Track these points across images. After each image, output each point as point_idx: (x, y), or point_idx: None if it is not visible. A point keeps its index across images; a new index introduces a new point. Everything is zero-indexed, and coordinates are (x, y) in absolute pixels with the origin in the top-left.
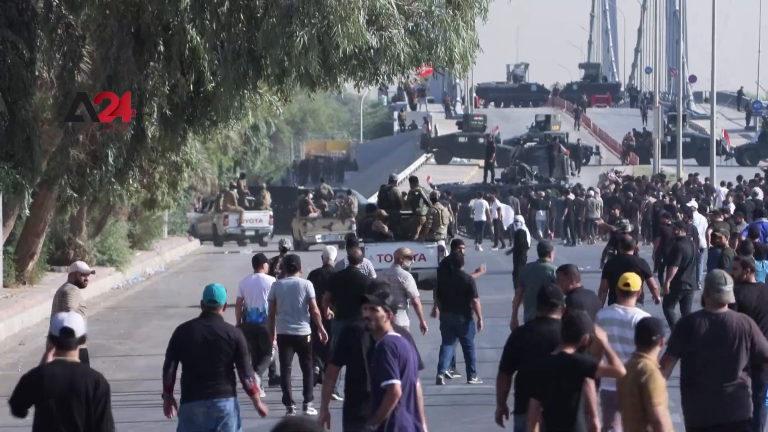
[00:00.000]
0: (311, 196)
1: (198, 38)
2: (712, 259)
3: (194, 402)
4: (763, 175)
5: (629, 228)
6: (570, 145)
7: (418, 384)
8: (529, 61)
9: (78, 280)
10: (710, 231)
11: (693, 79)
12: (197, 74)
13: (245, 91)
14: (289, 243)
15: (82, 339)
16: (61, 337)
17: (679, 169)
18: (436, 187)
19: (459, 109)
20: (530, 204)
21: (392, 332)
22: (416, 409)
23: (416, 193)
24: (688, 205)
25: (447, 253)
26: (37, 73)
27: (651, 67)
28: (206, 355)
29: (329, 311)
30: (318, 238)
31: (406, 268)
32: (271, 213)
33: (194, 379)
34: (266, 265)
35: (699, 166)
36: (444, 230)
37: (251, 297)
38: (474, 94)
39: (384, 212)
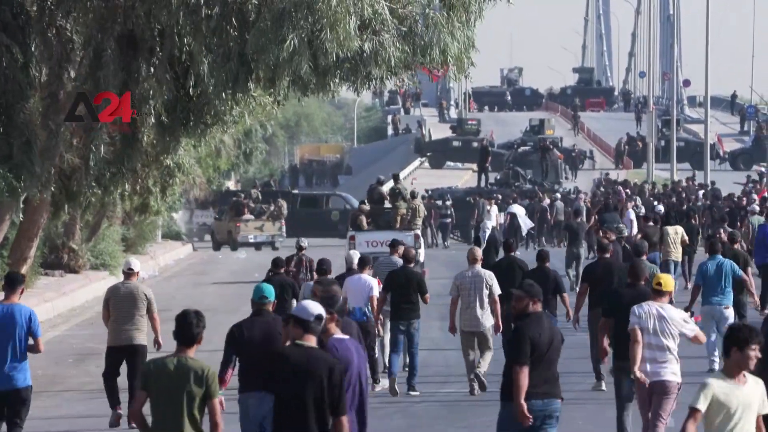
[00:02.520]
0: (245, 198)
1: (190, 42)
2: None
3: (252, 392)
4: (756, 177)
5: (626, 233)
6: (564, 149)
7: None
8: (523, 66)
9: None
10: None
11: (687, 83)
12: (189, 78)
13: (237, 95)
14: (305, 242)
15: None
16: (314, 322)
17: (673, 173)
18: (429, 191)
19: (453, 113)
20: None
21: (338, 335)
22: (360, 410)
23: (396, 190)
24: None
25: (422, 241)
26: (32, 76)
27: (645, 71)
28: (262, 348)
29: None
30: (250, 238)
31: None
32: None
33: (252, 371)
34: (369, 268)
35: (693, 170)
36: (419, 222)
37: (355, 296)
38: (469, 98)
39: (366, 207)
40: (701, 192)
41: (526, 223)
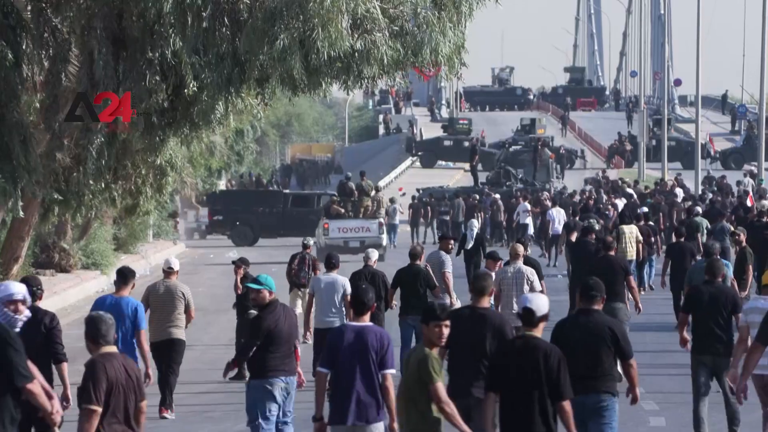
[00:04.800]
0: None
1: (180, 42)
2: None
3: (276, 378)
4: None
5: (597, 226)
6: (553, 149)
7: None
8: (514, 65)
9: None
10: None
11: (678, 82)
12: (180, 78)
13: (228, 96)
14: (311, 240)
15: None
16: (526, 316)
17: (664, 172)
18: (421, 191)
19: (444, 113)
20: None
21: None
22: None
23: (361, 186)
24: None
25: (385, 228)
26: (24, 76)
27: (636, 70)
28: (286, 337)
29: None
30: None
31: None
32: None
33: (276, 360)
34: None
35: (684, 169)
36: (383, 211)
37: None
38: (460, 98)
39: (336, 198)
40: (679, 191)
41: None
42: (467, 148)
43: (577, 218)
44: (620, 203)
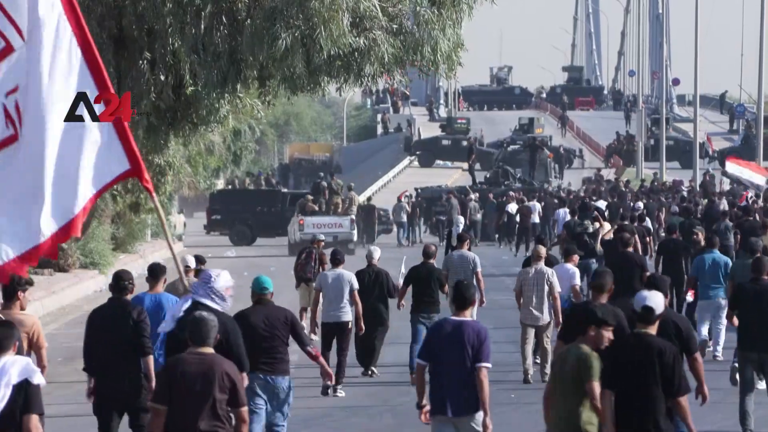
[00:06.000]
0: None
1: (179, 42)
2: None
3: (253, 374)
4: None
5: (590, 229)
6: (552, 148)
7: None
8: (512, 64)
9: None
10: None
11: (676, 82)
12: (179, 78)
13: (226, 95)
14: (322, 236)
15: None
16: (645, 314)
17: (662, 171)
18: (419, 190)
19: (442, 112)
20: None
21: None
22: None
23: (332, 185)
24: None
25: (355, 224)
26: None
27: (634, 70)
28: (266, 335)
29: (402, 303)
30: None
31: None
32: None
33: (255, 357)
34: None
35: (682, 169)
36: (354, 209)
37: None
38: (459, 97)
39: (311, 197)
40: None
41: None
42: (465, 148)
43: (576, 217)
44: (602, 204)
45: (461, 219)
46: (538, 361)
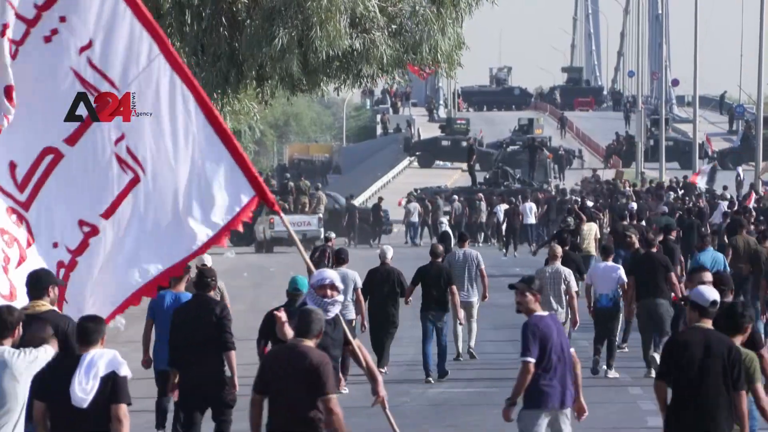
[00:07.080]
0: None
1: (179, 42)
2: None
3: None
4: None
5: (572, 226)
6: (551, 149)
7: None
8: (512, 65)
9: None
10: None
11: (676, 82)
12: None
13: (225, 96)
14: (333, 234)
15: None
16: (710, 307)
17: (662, 172)
18: (418, 190)
19: (442, 113)
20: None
21: (539, 312)
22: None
23: (300, 185)
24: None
25: (323, 223)
26: None
27: (634, 70)
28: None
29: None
30: None
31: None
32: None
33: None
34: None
35: (681, 169)
36: (322, 207)
37: (601, 284)
38: (458, 97)
39: (277, 197)
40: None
41: None
42: (465, 148)
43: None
44: (589, 203)
45: (445, 220)
46: None
